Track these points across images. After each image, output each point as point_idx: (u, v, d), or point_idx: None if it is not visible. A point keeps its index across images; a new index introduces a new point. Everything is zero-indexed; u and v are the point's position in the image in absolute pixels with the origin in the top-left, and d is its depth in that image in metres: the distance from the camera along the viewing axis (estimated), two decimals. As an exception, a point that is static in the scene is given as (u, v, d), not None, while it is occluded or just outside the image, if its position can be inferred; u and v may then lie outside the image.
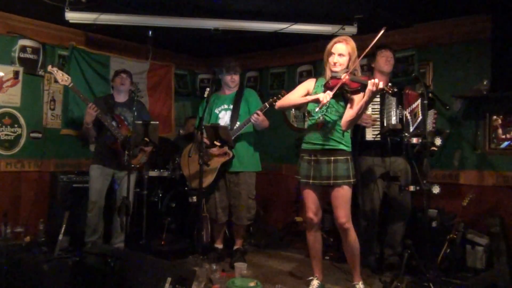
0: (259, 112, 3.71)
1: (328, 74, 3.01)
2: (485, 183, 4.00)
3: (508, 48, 3.63)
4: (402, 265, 3.24)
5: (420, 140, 3.25)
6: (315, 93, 3.05)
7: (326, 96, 2.82)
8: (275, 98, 3.66)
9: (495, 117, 3.99)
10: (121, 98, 4.13)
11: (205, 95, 3.70)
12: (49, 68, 3.86)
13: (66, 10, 3.82)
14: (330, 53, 2.97)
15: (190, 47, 5.55)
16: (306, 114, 3.14)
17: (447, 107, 3.67)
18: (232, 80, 3.95)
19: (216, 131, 3.61)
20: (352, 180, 2.99)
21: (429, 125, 3.53)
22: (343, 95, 2.96)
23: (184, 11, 4.05)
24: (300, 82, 5.21)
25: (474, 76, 3.99)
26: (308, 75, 5.24)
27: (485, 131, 4.03)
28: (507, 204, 3.85)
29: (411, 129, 3.46)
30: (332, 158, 2.97)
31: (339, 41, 2.97)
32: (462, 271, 3.59)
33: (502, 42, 3.68)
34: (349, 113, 2.93)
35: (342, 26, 4.05)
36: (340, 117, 2.99)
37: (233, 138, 3.76)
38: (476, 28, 4.03)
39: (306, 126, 2.99)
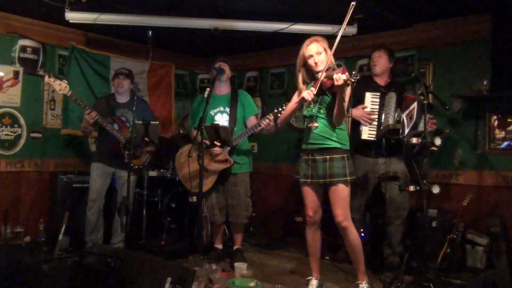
0: (270, 118, 3.71)
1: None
2: (485, 183, 4.00)
3: (508, 48, 3.63)
4: (402, 265, 3.24)
5: (420, 140, 3.26)
6: None
7: (309, 93, 2.87)
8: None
9: (495, 117, 4.00)
10: (122, 98, 4.13)
11: (205, 95, 3.70)
12: (46, 78, 3.79)
13: (66, 10, 3.82)
14: (308, 57, 3.01)
15: (190, 47, 5.55)
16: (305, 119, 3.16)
17: (447, 107, 3.68)
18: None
19: (216, 131, 3.61)
20: (348, 178, 3.00)
21: (422, 127, 3.56)
22: (330, 94, 2.98)
23: (184, 11, 4.05)
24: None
25: (474, 76, 3.99)
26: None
27: (485, 131, 4.03)
28: (507, 204, 3.85)
29: (406, 130, 3.49)
30: (328, 156, 3.00)
31: (310, 43, 3.02)
32: (462, 271, 3.59)
33: (502, 42, 3.68)
34: (334, 111, 2.96)
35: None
36: (330, 115, 3.00)
37: (236, 142, 3.77)
38: (476, 28, 4.03)
39: (305, 126, 3.02)
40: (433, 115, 3.74)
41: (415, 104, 3.50)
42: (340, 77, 2.69)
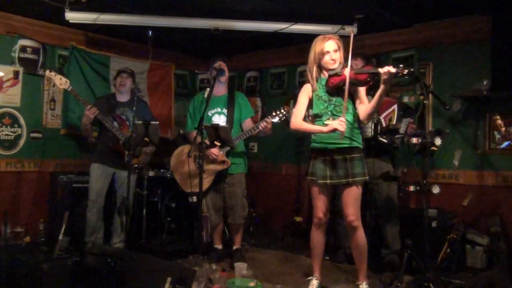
0: (269, 121, 3.71)
1: (324, 74, 3.02)
2: (485, 183, 4.00)
3: (508, 48, 3.63)
4: (402, 265, 3.24)
5: (420, 140, 3.26)
6: (316, 95, 3.04)
7: (341, 124, 2.78)
8: (286, 108, 3.68)
9: (495, 117, 4.00)
10: (123, 97, 4.13)
11: (205, 95, 3.69)
12: (47, 73, 3.82)
13: (66, 10, 3.82)
14: (325, 53, 2.96)
15: (190, 47, 5.55)
16: (311, 118, 3.12)
17: (447, 107, 3.68)
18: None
19: (216, 131, 3.60)
20: (367, 178, 2.99)
21: (402, 130, 3.57)
22: (348, 91, 2.90)
23: (184, 11, 4.05)
24: (300, 82, 5.32)
25: (474, 76, 3.99)
26: (308, 75, 5.24)
27: (485, 131, 4.03)
28: (507, 204, 3.85)
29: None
30: (348, 156, 2.95)
31: (328, 39, 2.98)
32: (462, 271, 3.59)
33: (502, 42, 3.67)
34: (368, 106, 2.90)
35: (342, 26, 4.05)
36: (350, 113, 2.97)
37: (236, 143, 3.77)
38: (476, 28, 4.03)
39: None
40: (433, 115, 3.75)
41: (394, 107, 3.52)
42: (389, 70, 2.63)
